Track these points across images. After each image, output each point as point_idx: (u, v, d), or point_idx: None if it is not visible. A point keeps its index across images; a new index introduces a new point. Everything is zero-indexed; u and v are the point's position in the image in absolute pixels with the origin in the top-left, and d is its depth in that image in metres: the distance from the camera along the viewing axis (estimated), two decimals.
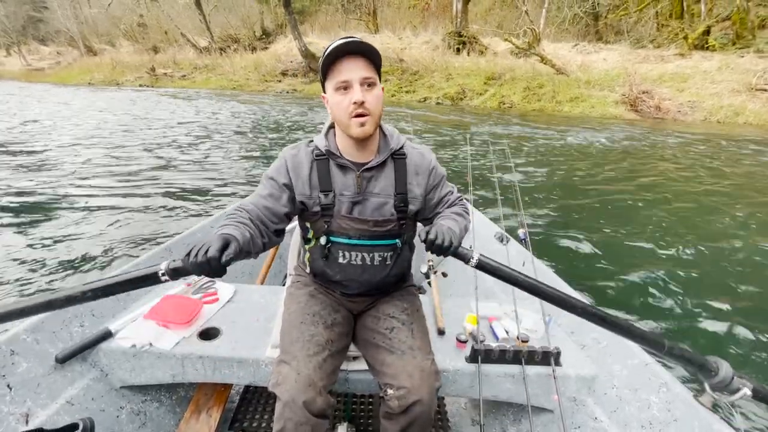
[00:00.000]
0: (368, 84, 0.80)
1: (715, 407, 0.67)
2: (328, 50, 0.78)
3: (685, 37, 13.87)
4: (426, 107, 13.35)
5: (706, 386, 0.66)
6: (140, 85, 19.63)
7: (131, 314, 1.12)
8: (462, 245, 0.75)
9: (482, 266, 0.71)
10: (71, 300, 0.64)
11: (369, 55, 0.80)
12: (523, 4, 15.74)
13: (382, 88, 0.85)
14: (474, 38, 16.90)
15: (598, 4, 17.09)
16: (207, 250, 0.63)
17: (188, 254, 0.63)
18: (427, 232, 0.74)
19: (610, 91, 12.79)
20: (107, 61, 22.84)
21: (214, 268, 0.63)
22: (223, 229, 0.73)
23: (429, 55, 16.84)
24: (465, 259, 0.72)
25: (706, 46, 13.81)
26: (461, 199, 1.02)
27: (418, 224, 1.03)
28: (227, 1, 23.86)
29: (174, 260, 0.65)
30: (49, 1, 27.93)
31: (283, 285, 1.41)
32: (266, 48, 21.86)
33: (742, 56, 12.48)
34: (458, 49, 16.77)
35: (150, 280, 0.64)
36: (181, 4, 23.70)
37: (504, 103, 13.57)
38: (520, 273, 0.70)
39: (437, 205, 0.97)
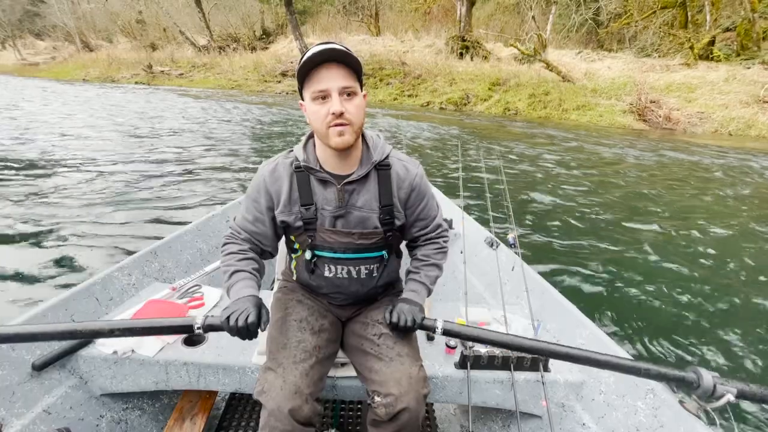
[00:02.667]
0: (348, 93, 0.79)
1: (700, 412, 0.70)
2: (306, 57, 0.76)
3: (692, 47, 14.11)
4: (428, 111, 13.49)
5: (691, 395, 0.69)
6: (136, 83, 19.80)
7: (114, 320, 1.12)
8: (425, 315, 0.86)
9: (448, 332, 0.79)
10: (97, 334, 0.72)
11: (349, 63, 0.78)
12: (530, 10, 16.02)
13: (365, 96, 0.83)
14: (477, 43, 17.16)
15: (598, 12, 17.41)
16: (247, 317, 0.73)
17: (228, 318, 0.73)
18: (390, 313, 0.87)
19: (617, 100, 12.93)
20: (103, 57, 23.10)
21: (253, 332, 0.74)
22: (248, 289, 0.82)
23: (432, 59, 17.05)
24: (430, 329, 0.81)
25: (710, 56, 14.06)
26: (443, 230, 1.01)
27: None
28: (228, 0, 24.28)
29: (211, 316, 0.74)
30: None
31: (271, 289, 1.42)
32: (266, 48, 22.13)
33: (748, 68, 12.67)
34: (461, 54, 17.01)
35: (184, 329, 0.73)
36: (180, 1, 24.08)
37: (509, 110, 13.72)
38: (483, 329, 0.76)
39: (415, 222, 0.97)
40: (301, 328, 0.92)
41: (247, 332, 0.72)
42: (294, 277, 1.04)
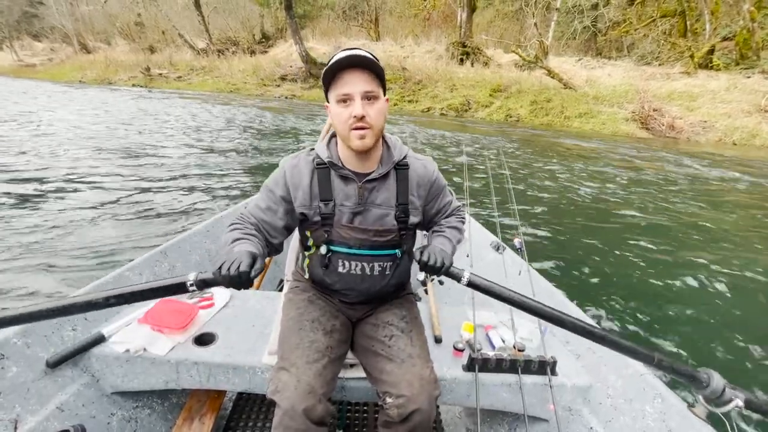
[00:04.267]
0: (369, 98, 0.82)
1: (709, 418, 0.69)
2: (332, 62, 0.81)
3: (692, 56, 14.39)
4: (429, 117, 13.63)
5: (699, 397, 0.69)
6: (133, 85, 19.96)
7: (126, 318, 1.14)
8: (454, 264, 0.82)
9: (473, 284, 0.76)
10: (91, 305, 0.67)
11: (372, 68, 0.82)
12: (533, 17, 16.33)
13: (386, 100, 0.87)
14: (478, 49, 17.44)
15: (597, 20, 17.75)
16: (239, 265, 0.70)
17: (219, 268, 0.71)
18: (421, 253, 0.82)
19: (619, 108, 13.13)
20: (101, 59, 23.32)
21: (244, 281, 0.71)
22: (245, 245, 0.80)
23: (432, 64, 17.28)
24: (456, 278, 0.78)
25: (710, 65, 14.32)
26: (459, 209, 1.07)
27: (418, 233, 1.08)
28: (227, 3, 24.64)
29: (203, 272, 0.72)
30: None
31: (279, 290, 1.45)
32: (265, 52, 22.41)
33: (749, 77, 12.93)
34: (462, 60, 17.25)
35: (178, 289, 0.70)
36: (180, 4, 24.44)
37: (511, 116, 13.88)
38: (511, 290, 0.73)
39: (435, 215, 1.03)
40: (313, 329, 0.94)
41: (239, 280, 0.70)
42: (306, 276, 1.05)
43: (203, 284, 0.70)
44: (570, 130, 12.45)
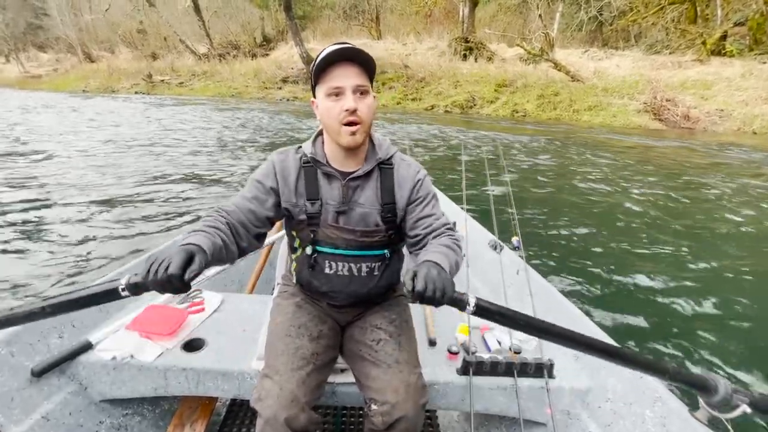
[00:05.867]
0: (361, 92, 0.82)
1: (711, 422, 0.68)
2: (322, 55, 0.80)
3: (704, 43, 14.08)
4: (433, 115, 13.58)
5: (701, 402, 0.67)
6: (136, 92, 20.32)
7: (113, 324, 1.14)
8: (456, 289, 0.65)
9: (482, 310, 0.63)
10: (32, 315, 0.61)
11: (364, 62, 0.81)
12: (537, 8, 16.19)
13: (375, 97, 0.86)
14: (481, 44, 17.34)
15: (602, 10, 17.51)
16: (168, 266, 0.60)
17: (148, 270, 0.60)
18: (413, 279, 0.63)
19: (630, 99, 12.90)
20: (104, 68, 23.82)
21: (175, 286, 0.60)
22: (190, 238, 0.70)
23: (435, 61, 17.24)
24: (461, 306, 0.64)
25: (723, 52, 13.98)
26: (451, 228, 0.91)
27: (406, 255, 1.02)
28: (227, 7, 24.97)
29: (136, 274, 0.61)
30: (49, 8, 29.51)
31: (272, 294, 1.44)
32: (267, 54, 22.62)
33: (764, 62, 12.60)
34: (465, 56, 17.18)
35: (110, 296, 0.60)
36: (180, 10, 24.85)
37: (517, 112, 13.75)
38: (524, 315, 0.65)
39: (417, 222, 0.91)
40: (299, 335, 0.92)
41: (170, 285, 0.59)
42: (294, 280, 1.04)
43: (135, 288, 0.60)
44: (580, 124, 12.26)
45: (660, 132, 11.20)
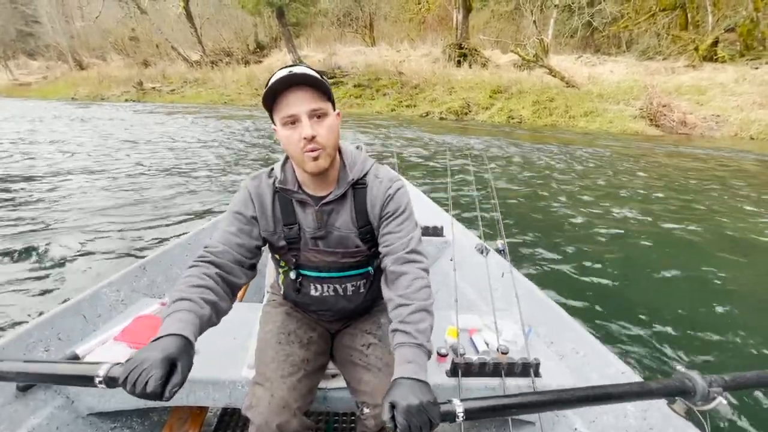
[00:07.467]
0: (318, 116, 0.78)
1: (688, 413, 0.73)
2: (271, 82, 0.76)
3: (696, 48, 14.15)
4: (428, 122, 13.44)
5: (681, 400, 0.70)
6: (126, 100, 20.00)
7: (101, 336, 1.12)
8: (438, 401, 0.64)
9: (472, 413, 0.62)
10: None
11: (314, 84, 0.77)
12: (531, 15, 16.24)
13: (338, 114, 0.83)
14: (475, 50, 17.33)
15: (594, 16, 17.66)
16: (147, 381, 0.56)
17: (126, 378, 0.57)
18: (393, 418, 0.60)
19: (625, 105, 12.84)
20: (94, 75, 23.53)
21: (156, 399, 0.58)
22: (177, 325, 0.64)
23: (429, 67, 17.15)
24: (450, 419, 0.61)
25: (714, 57, 14.03)
26: (420, 258, 0.86)
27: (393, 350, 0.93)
28: (220, 14, 24.85)
29: (117, 364, 0.60)
30: (39, 16, 29.23)
31: (262, 302, 1.40)
32: (260, 61, 22.45)
33: (756, 68, 12.62)
34: (459, 62, 17.13)
35: (84, 381, 0.62)
36: (172, 17, 24.71)
37: (513, 118, 13.61)
38: (515, 396, 0.67)
39: (381, 239, 0.89)
40: (289, 342, 0.93)
41: (150, 398, 0.58)
42: (281, 292, 1.05)
43: (112, 384, 0.60)
44: (575, 130, 12.16)
45: (657, 138, 11.12)
